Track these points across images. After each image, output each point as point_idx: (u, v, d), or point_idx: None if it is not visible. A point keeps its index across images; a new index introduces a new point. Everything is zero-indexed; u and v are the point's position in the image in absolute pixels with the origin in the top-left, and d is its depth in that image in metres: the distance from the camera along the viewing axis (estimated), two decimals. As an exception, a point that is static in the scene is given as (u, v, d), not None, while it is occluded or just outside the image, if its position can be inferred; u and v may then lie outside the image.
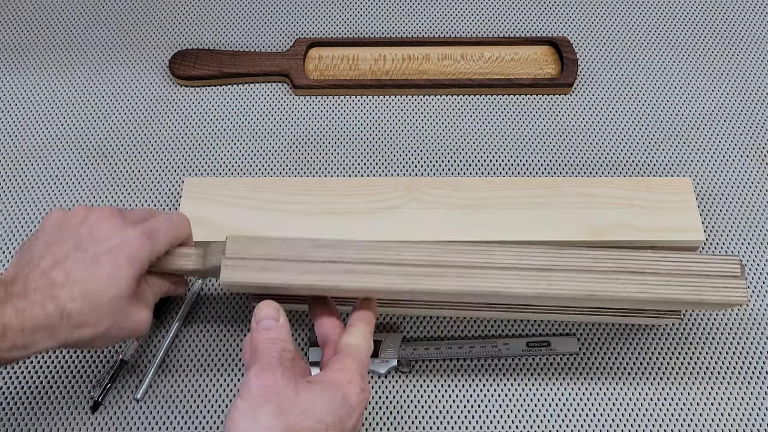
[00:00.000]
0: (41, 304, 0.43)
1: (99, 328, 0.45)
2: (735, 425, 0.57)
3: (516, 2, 0.80)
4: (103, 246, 0.46)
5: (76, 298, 0.44)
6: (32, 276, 0.44)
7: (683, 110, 0.72)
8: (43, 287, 0.44)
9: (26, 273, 0.44)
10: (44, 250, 0.46)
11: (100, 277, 0.45)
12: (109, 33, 0.77)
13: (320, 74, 0.73)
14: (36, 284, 0.44)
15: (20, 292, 0.43)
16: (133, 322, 0.47)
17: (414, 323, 0.61)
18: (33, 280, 0.44)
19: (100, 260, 0.45)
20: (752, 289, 0.62)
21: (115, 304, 0.45)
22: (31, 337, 0.43)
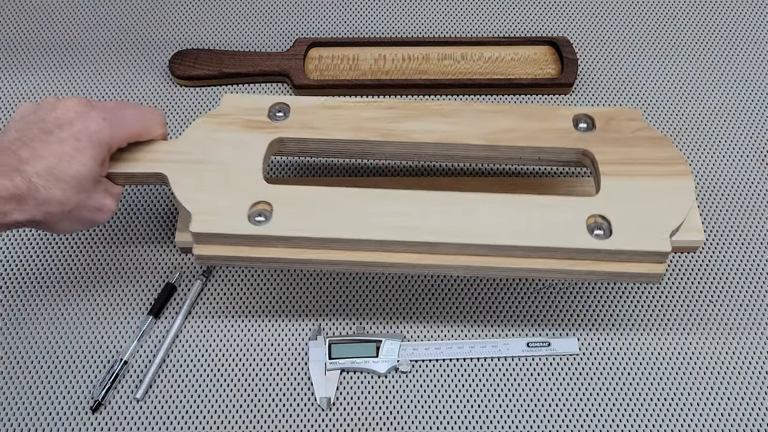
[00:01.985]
0: (9, 176, 0.46)
1: (64, 206, 0.48)
2: (735, 425, 0.57)
3: (516, 2, 0.80)
4: (66, 129, 0.49)
5: (41, 173, 0.47)
6: (2, 156, 0.47)
7: (683, 110, 0.72)
8: (11, 163, 0.47)
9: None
10: (14, 135, 0.49)
11: (63, 155, 0.48)
12: (109, 33, 0.77)
13: (320, 74, 0.73)
14: (5, 161, 0.47)
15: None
16: (97, 203, 0.51)
17: (414, 323, 0.61)
18: (3, 158, 0.47)
19: (64, 141, 0.48)
20: (752, 289, 0.62)
21: (79, 182, 0.49)
22: (3, 206, 0.46)
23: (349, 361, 0.58)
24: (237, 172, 0.54)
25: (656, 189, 0.54)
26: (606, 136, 0.56)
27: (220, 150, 0.56)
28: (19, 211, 0.47)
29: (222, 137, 0.56)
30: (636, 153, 0.55)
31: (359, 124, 0.57)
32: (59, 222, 0.50)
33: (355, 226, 0.52)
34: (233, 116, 0.58)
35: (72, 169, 0.48)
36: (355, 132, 0.57)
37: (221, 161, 0.55)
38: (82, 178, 0.49)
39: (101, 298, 0.61)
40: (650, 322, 0.61)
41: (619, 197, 0.53)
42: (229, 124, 0.57)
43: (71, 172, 0.48)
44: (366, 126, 0.57)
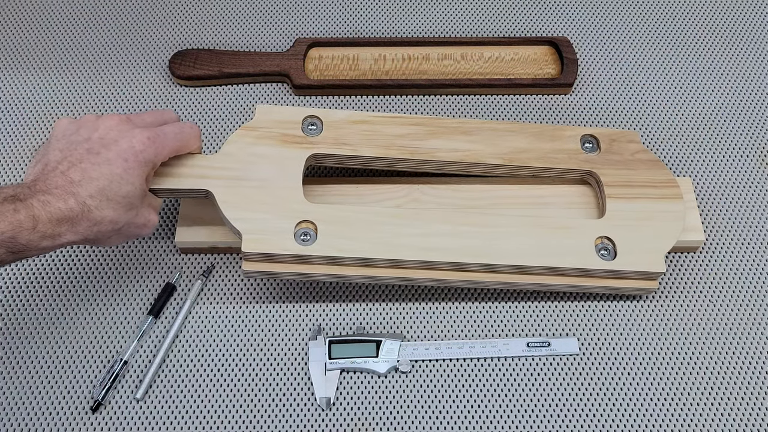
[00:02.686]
0: (63, 199, 0.48)
1: (116, 224, 0.50)
2: (735, 425, 0.57)
3: (516, 2, 0.80)
4: (113, 149, 0.50)
5: (94, 195, 0.49)
6: (52, 176, 0.49)
7: (683, 110, 0.72)
8: (63, 185, 0.48)
9: (46, 174, 0.49)
10: (59, 155, 0.50)
11: (113, 176, 0.49)
12: (109, 33, 0.77)
13: (320, 74, 0.73)
14: (56, 183, 0.48)
15: (43, 188, 0.48)
16: (143, 219, 0.53)
17: (414, 323, 0.61)
18: (53, 179, 0.48)
19: (112, 161, 0.50)
20: (752, 289, 0.62)
21: (129, 201, 0.50)
22: (57, 228, 0.47)
23: (349, 361, 0.58)
24: (278, 190, 0.58)
25: (653, 212, 0.60)
26: (609, 158, 0.63)
27: (260, 166, 0.58)
28: (73, 232, 0.48)
29: (260, 152, 0.59)
30: (635, 175, 0.62)
31: (389, 141, 0.62)
32: (108, 239, 0.52)
33: (392, 246, 0.57)
34: (269, 129, 0.61)
35: (123, 190, 0.50)
36: (386, 150, 0.61)
37: (262, 178, 0.58)
38: (132, 197, 0.51)
39: (101, 298, 0.61)
40: (650, 322, 0.61)
41: (622, 220, 0.59)
42: (266, 138, 0.60)
43: (122, 192, 0.50)
44: (395, 143, 0.62)
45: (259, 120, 0.61)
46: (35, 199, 0.47)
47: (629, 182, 0.61)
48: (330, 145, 0.61)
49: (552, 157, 0.62)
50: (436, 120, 0.64)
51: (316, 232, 0.56)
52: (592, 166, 0.62)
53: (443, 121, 0.64)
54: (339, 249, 0.56)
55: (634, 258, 0.58)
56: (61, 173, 0.49)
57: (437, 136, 0.62)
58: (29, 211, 0.46)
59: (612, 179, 0.61)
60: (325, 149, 0.61)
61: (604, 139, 0.63)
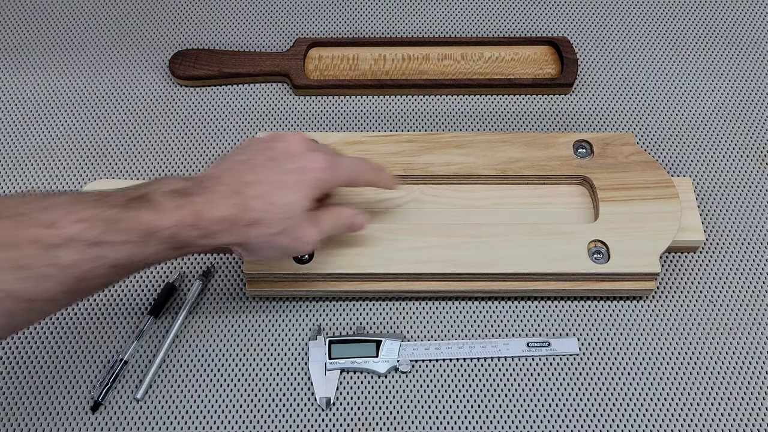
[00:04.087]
0: (228, 196, 0.47)
1: (271, 230, 0.48)
2: (735, 425, 0.57)
3: (516, 2, 0.80)
4: (293, 162, 0.50)
5: (259, 196, 0.48)
6: (225, 176, 0.49)
7: (683, 110, 0.72)
8: (233, 183, 0.48)
9: (219, 173, 0.49)
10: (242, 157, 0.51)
11: (284, 183, 0.49)
12: (109, 33, 0.77)
13: (320, 74, 0.73)
14: (227, 181, 0.48)
15: (209, 186, 0.47)
16: (301, 233, 0.50)
17: (414, 323, 0.61)
18: (225, 178, 0.48)
19: (288, 172, 0.50)
20: (752, 289, 0.62)
21: (290, 210, 0.49)
22: (216, 226, 0.47)
23: (349, 361, 0.58)
24: None
25: (647, 213, 0.60)
26: (603, 162, 0.63)
27: None
28: (230, 232, 0.47)
29: None
30: (630, 177, 0.62)
31: (383, 159, 0.63)
32: (261, 249, 0.50)
33: (387, 260, 0.58)
34: None
35: (288, 198, 0.49)
36: None
37: None
38: (294, 207, 0.49)
39: (101, 298, 0.61)
40: (650, 322, 0.61)
41: (615, 222, 0.60)
42: None
43: (286, 199, 0.49)
44: (390, 161, 0.63)
45: None
46: (200, 196, 0.47)
47: (623, 185, 0.61)
48: None
49: (545, 164, 0.63)
50: (429, 135, 0.65)
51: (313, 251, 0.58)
52: (586, 171, 0.62)
53: (436, 136, 0.65)
54: (336, 266, 0.58)
55: (628, 260, 0.58)
56: (236, 173, 0.49)
57: (430, 151, 0.63)
58: (193, 207, 0.46)
59: (605, 183, 0.62)
60: None
61: (598, 144, 0.64)
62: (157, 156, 0.69)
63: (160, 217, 0.44)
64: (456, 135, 0.65)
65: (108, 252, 0.43)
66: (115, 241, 0.43)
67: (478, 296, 0.61)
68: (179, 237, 0.45)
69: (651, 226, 0.59)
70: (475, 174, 0.63)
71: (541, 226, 0.60)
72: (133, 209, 0.44)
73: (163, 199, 0.45)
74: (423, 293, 0.61)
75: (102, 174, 0.68)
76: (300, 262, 0.58)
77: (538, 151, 0.63)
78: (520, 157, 0.63)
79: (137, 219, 0.44)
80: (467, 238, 0.59)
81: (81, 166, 0.68)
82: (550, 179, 0.63)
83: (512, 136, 0.65)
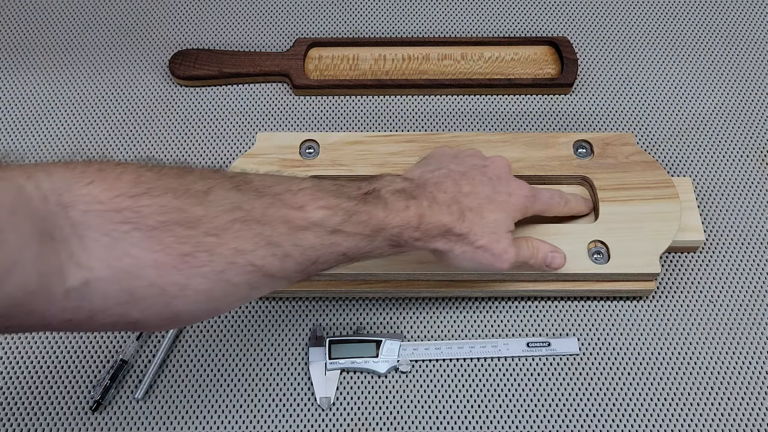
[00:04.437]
0: (448, 204, 0.49)
1: (477, 243, 0.50)
2: (735, 425, 0.57)
3: (516, 2, 0.80)
4: (503, 185, 0.53)
5: (473, 208, 0.50)
6: (446, 183, 0.51)
7: (683, 110, 0.72)
8: (453, 192, 0.50)
9: (439, 179, 0.51)
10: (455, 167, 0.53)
11: (495, 202, 0.51)
12: (109, 33, 0.77)
13: (320, 74, 0.73)
14: (448, 188, 0.50)
15: (434, 191, 0.50)
16: (502, 250, 0.51)
17: (414, 323, 0.61)
18: (446, 186, 0.51)
19: (499, 192, 0.52)
20: (752, 290, 0.62)
21: (497, 227, 0.51)
22: (434, 230, 0.49)
23: (349, 361, 0.58)
24: None
25: (647, 213, 0.60)
26: (603, 162, 0.63)
27: None
28: (441, 238, 0.49)
29: None
30: (629, 177, 0.62)
31: (383, 159, 0.63)
32: (461, 259, 0.51)
33: (388, 261, 0.57)
34: (268, 156, 0.63)
35: (495, 215, 0.51)
36: (380, 168, 0.63)
37: None
38: (499, 225, 0.51)
39: (101, 298, 0.61)
40: (650, 322, 0.61)
41: (615, 222, 0.60)
42: (267, 164, 0.63)
43: (494, 216, 0.51)
44: (389, 161, 0.63)
45: (259, 147, 0.64)
46: (425, 200, 0.49)
47: (623, 185, 0.61)
48: (327, 167, 0.63)
49: (545, 165, 0.63)
50: (429, 135, 0.65)
51: None
52: (586, 171, 0.62)
53: (436, 136, 0.65)
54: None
55: (627, 260, 0.58)
56: (453, 181, 0.51)
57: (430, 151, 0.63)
58: (418, 210, 0.48)
59: (605, 183, 0.62)
60: (322, 171, 0.63)
61: (598, 144, 0.64)
62: (157, 156, 0.69)
63: (391, 215, 0.47)
64: (456, 135, 0.65)
65: (343, 240, 0.45)
66: (351, 231, 0.45)
67: (478, 296, 0.61)
68: (402, 236, 0.47)
69: (651, 226, 0.59)
70: None
71: (541, 226, 0.60)
72: (368, 203, 0.46)
73: (393, 198, 0.48)
74: (422, 293, 0.61)
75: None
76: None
77: (538, 151, 0.63)
78: (520, 157, 0.63)
79: (371, 214, 0.46)
80: None
81: (81, 166, 0.68)
82: (551, 179, 0.63)
83: (512, 136, 0.65)
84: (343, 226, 0.45)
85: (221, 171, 0.45)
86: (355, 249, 0.46)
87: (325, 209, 0.44)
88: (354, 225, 0.45)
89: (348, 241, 0.45)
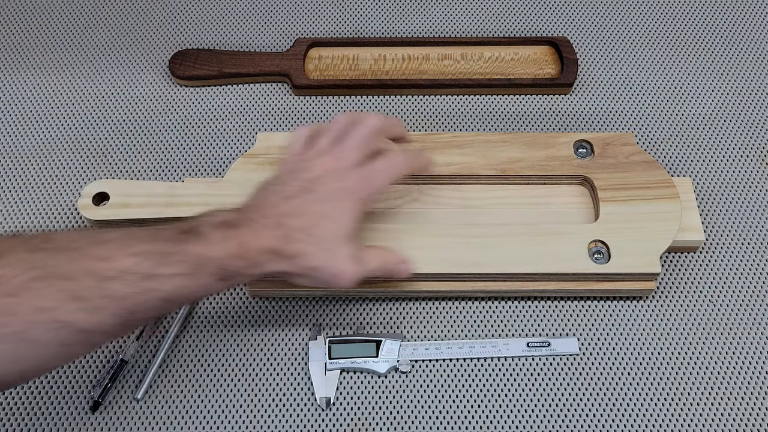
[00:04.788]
0: (272, 228, 0.48)
1: (312, 263, 0.49)
2: (735, 425, 0.57)
3: (516, 2, 0.80)
4: (325, 191, 0.51)
5: (301, 228, 0.49)
6: (265, 207, 0.50)
7: (683, 110, 0.72)
8: (274, 215, 0.49)
9: (259, 203, 0.50)
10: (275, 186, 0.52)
11: (323, 214, 0.50)
12: (109, 33, 0.77)
13: (320, 74, 0.73)
14: (268, 212, 0.49)
15: (255, 217, 0.49)
16: (339, 270, 0.50)
17: (414, 323, 0.61)
18: (266, 209, 0.50)
19: (323, 201, 0.51)
20: (752, 290, 0.62)
21: (329, 241, 0.50)
22: (262, 257, 0.48)
23: (349, 361, 0.58)
24: None
25: (647, 213, 0.60)
26: (603, 162, 0.63)
27: None
28: (275, 261, 0.48)
29: (261, 178, 0.59)
30: (630, 177, 0.62)
31: None
32: (303, 279, 0.50)
33: None
34: (268, 156, 0.63)
35: (329, 228, 0.50)
36: None
37: None
38: (334, 239, 0.50)
39: (101, 298, 0.61)
40: (650, 322, 0.61)
41: (616, 222, 0.60)
42: (267, 164, 0.63)
43: (328, 230, 0.50)
44: None
45: (260, 147, 0.64)
46: (246, 227, 0.48)
47: (623, 185, 0.61)
48: None
49: (545, 164, 0.63)
50: (429, 135, 0.65)
51: None
52: (586, 171, 0.62)
53: (436, 136, 0.64)
54: None
55: (628, 260, 0.58)
56: (273, 204, 0.50)
57: (430, 151, 0.63)
58: (239, 239, 0.47)
59: (605, 183, 0.62)
60: None
61: (598, 143, 0.64)
62: (157, 156, 0.69)
63: (210, 248, 0.46)
64: (456, 135, 0.65)
65: (160, 284, 0.44)
66: (168, 273, 0.44)
67: (478, 296, 0.61)
68: (227, 268, 0.46)
69: (651, 226, 0.59)
70: (475, 174, 0.63)
71: (542, 226, 0.60)
72: (183, 242, 0.45)
73: (212, 231, 0.47)
74: (423, 293, 0.61)
75: (102, 174, 0.68)
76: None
77: (539, 151, 0.63)
78: (521, 157, 0.63)
79: (188, 251, 0.45)
80: (467, 238, 0.59)
81: (81, 166, 0.68)
82: (551, 179, 0.63)
83: (512, 136, 0.65)
84: (158, 270, 0.44)
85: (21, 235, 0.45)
86: (178, 291, 0.45)
87: (134, 256, 0.43)
88: (171, 266, 0.44)
89: (167, 284, 0.44)
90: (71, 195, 0.67)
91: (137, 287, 0.43)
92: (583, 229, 0.60)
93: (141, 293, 0.43)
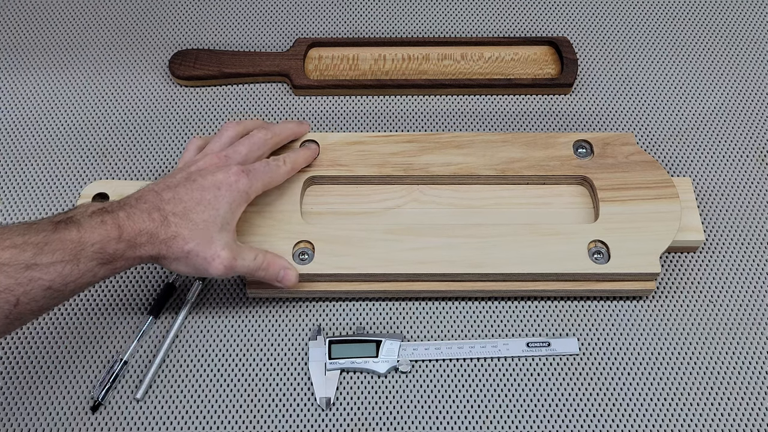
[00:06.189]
0: (149, 212, 0.50)
1: (186, 246, 0.51)
2: (735, 425, 0.57)
3: (516, 2, 0.80)
4: (208, 178, 0.53)
5: (177, 213, 0.51)
6: (147, 195, 0.52)
7: (683, 110, 0.72)
8: (153, 201, 0.51)
9: (140, 194, 0.52)
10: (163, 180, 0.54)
11: (201, 200, 0.52)
12: (109, 33, 0.77)
13: (320, 74, 0.73)
14: (149, 199, 0.51)
15: (132, 203, 0.51)
16: (213, 255, 0.52)
17: (414, 323, 0.61)
18: (147, 197, 0.52)
19: (205, 188, 0.53)
20: (752, 290, 0.62)
21: (205, 227, 0.52)
22: (139, 238, 0.49)
23: (349, 361, 0.58)
24: (277, 213, 0.60)
25: (647, 213, 0.60)
26: (602, 162, 0.63)
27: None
28: (151, 244, 0.50)
29: None
30: (629, 177, 0.62)
31: (383, 159, 0.63)
32: (178, 264, 0.52)
33: (387, 261, 0.58)
34: None
35: (205, 214, 0.52)
36: (380, 168, 0.63)
37: (262, 203, 0.60)
38: (212, 223, 0.52)
39: (101, 298, 0.61)
40: (650, 322, 0.61)
41: (615, 222, 0.60)
42: None
43: (204, 216, 0.52)
44: (390, 161, 0.63)
45: None
46: (122, 211, 0.50)
47: (623, 185, 0.61)
48: (327, 167, 0.63)
49: (545, 165, 0.63)
50: (429, 135, 0.65)
51: (313, 251, 0.59)
52: (586, 171, 0.62)
53: (436, 136, 0.65)
54: (335, 266, 0.59)
55: (628, 260, 0.58)
56: (155, 193, 0.52)
57: (430, 151, 0.63)
58: (115, 221, 0.49)
59: (605, 183, 0.62)
60: (322, 171, 0.63)
61: (598, 143, 0.64)
62: (157, 156, 0.69)
63: (86, 234, 0.47)
64: (456, 135, 0.65)
65: (41, 273, 0.45)
66: (47, 262, 0.46)
67: (478, 296, 0.61)
68: (106, 250, 0.48)
69: (651, 225, 0.59)
70: (475, 174, 0.63)
71: (541, 226, 0.60)
72: (59, 231, 0.47)
73: (87, 218, 0.48)
74: (423, 293, 0.61)
75: (102, 174, 0.68)
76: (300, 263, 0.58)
77: (538, 151, 0.63)
78: (520, 157, 0.63)
79: (64, 238, 0.47)
80: (467, 238, 0.59)
81: (81, 166, 0.68)
82: (550, 179, 0.63)
83: (512, 136, 0.65)
84: (37, 259, 0.45)
85: None
86: (61, 278, 0.46)
87: (11, 248, 0.45)
88: (49, 254, 0.46)
89: (49, 273, 0.45)
90: (71, 195, 0.67)
91: (18, 278, 0.44)
92: (583, 229, 0.60)
93: (22, 284, 0.45)
